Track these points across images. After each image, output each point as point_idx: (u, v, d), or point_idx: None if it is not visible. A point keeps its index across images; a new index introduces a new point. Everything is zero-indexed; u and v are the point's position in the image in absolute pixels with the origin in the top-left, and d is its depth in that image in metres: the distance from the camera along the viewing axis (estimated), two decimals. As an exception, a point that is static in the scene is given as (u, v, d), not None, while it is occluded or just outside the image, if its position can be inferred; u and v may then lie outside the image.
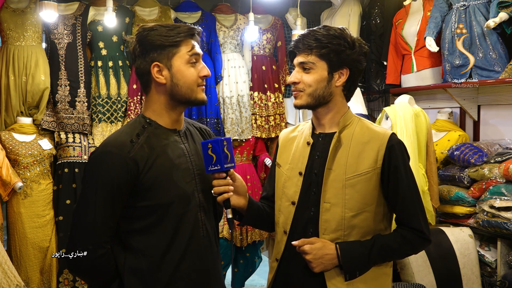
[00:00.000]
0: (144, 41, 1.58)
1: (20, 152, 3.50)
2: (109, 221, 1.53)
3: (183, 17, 4.15)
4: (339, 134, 1.69)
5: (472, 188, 3.25)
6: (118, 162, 1.51)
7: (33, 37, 3.63)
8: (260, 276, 4.62)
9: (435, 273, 2.87)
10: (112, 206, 1.52)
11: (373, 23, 4.32)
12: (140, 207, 1.56)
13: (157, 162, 1.56)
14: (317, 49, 1.64)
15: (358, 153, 1.66)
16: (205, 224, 1.65)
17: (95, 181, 1.52)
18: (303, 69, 1.68)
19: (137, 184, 1.53)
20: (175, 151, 1.61)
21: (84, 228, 1.52)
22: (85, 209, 1.52)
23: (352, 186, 1.63)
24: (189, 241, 1.60)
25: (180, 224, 1.58)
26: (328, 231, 1.64)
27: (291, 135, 1.84)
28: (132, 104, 3.90)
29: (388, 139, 1.66)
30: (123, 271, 1.57)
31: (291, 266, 1.72)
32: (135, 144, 1.55)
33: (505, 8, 3.10)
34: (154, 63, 1.57)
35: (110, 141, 1.57)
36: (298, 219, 1.70)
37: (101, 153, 1.55)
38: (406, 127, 3.23)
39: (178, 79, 1.58)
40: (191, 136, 1.71)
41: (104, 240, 1.53)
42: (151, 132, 1.60)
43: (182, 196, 1.59)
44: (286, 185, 1.75)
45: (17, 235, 3.48)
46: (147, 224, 1.56)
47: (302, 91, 1.68)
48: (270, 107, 4.37)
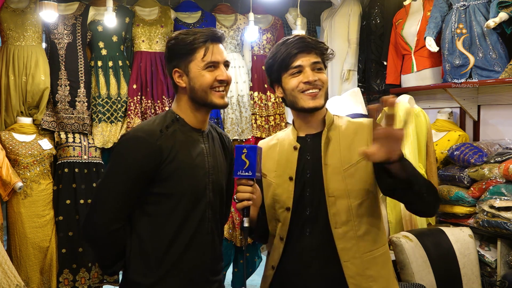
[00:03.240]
0: (169, 49, 1.73)
1: (20, 152, 3.50)
2: (128, 200, 1.64)
3: (183, 17, 4.15)
4: (327, 131, 1.73)
5: (472, 188, 3.25)
6: (146, 147, 1.62)
7: (33, 37, 3.63)
8: (260, 276, 4.58)
9: (435, 273, 2.86)
10: (133, 188, 1.63)
11: (373, 23, 4.32)
12: (154, 193, 1.65)
13: (179, 155, 1.66)
14: (326, 54, 1.74)
15: (349, 144, 1.70)
16: (211, 222, 1.72)
17: (122, 163, 1.64)
18: (316, 69, 1.71)
19: (157, 172, 1.63)
20: (196, 149, 1.71)
21: (105, 201, 1.63)
22: (108, 186, 1.64)
23: (351, 175, 1.67)
24: (194, 235, 1.68)
25: (188, 217, 1.67)
26: (339, 224, 1.66)
27: (271, 143, 1.85)
28: (132, 104, 3.90)
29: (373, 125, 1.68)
30: (130, 252, 1.68)
31: (289, 272, 1.72)
32: (163, 134, 1.66)
33: (505, 8, 3.10)
34: (175, 69, 1.71)
35: (142, 128, 1.69)
36: (294, 223, 1.71)
37: (133, 137, 1.66)
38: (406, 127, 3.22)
39: (195, 83, 1.69)
40: (212, 138, 1.80)
41: (120, 217, 1.64)
42: (178, 128, 1.71)
43: (194, 191, 1.68)
44: (276, 193, 1.75)
45: (17, 235, 3.48)
46: (159, 211, 1.66)
47: (320, 89, 1.70)
48: (270, 107, 4.38)
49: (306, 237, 1.69)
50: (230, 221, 4.07)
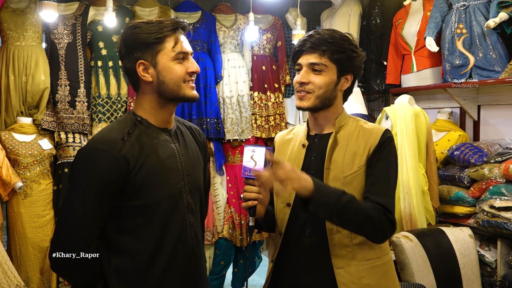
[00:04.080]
0: (128, 40, 1.55)
1: (20, 152, 3.50)
2: (97, 221, 1.49)
3: (183, 17, 4.15)
4: (335, 134, 1.69)
5: (472, 188, 3.24)
6: (108, 160, 1.46)
7: (33, 37, 3.63)
8: (260, 276, 4.62)
9: (435, 273, 2.86)
10: (101, 206, 1.47)
11: (373, 23, 4.32)
12: (128, 206, 1.52)
13: (148, 161, 1.52)
14: (330, 52, 1.64)
15: (354, 151, 1.66)
16: (193, 226, 1.62)
17: (84, 179, 1.47)
18: (312, 70, 1.66)
19: (126, 183, 1.49)
20: (165, 150, 1.58)
21: (71, 227, 1.47)
22: (72, 207, 1.47)
23: (349, 183, 1.64)
24: (177, 243, 1.57)
25: (168, 225, 1.55)
26: (334, 230, 1.64)
27: (287, 138, 1.84)
28: (132, 104, 3.90)
29: (381, 134, 1.66)
30: (109, 272, 1.52)
31: (285, 267, 1.72)
32: (126, 142, 1.50)
33: (505, 8, 3.10)
34: (139, 61, 1.54)
35: (100, 138, 1.52)
36: (294, 220, 1.70)
37: (91, 150, 1.50)
38: (406, 127, 3.23)
39: (164, 76, 1.54)
40: (182, 135, 1.67)
41: (91, 239, 1.49)
42: (142, 131, 1.56)
43: (170, 197, 1.56)
44: (281, 187, 1.74)
45: (17, 235, 3.48)
46: (135, 225, 1.53)
47: (310, 93, 1.66)
48: (270, 107, 4.37)
49: (306, 237, 1.68)
50: (230, 221, 4.07)
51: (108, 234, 1.54)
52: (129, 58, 1.56)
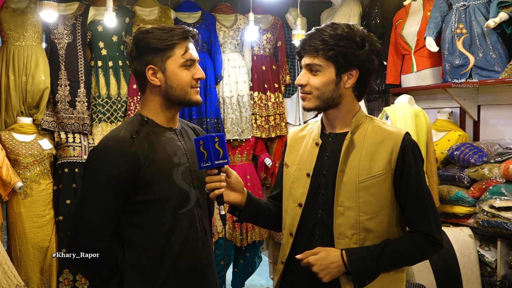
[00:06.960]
0: (140, 44, 1.62)
1: (20, 152, 3.50)
2: (113, 215, 1.56)
3: (183, 17, 4.15)
4: (351, 135, 1.63)
5: (472, 188, 3.25)
6: (120, 157, 1.54)
7: (33, 37, 3.63)
8: (260, 276, 4.62)
9: (435, 273, 2.87)
10: (115, 201, 1.55)
11: (373, 23, 4.32)
12: (139, 201, 1.59)
13: (157, 158, 1.59)
14: (323, 51, 1.58)
15: (371, 154, 1.60)
16: (201, 220, 1.68)
17: (98, 177, 1.55)
18: (310, 71, 1.62)
19: (137, 178, 1.56)
20: (173, 148, 1.65)
21: (88, 224, 1.54)
22: (89, 204, 1.55)
23: (366, 188, 1.58)
24: (187, 236, 1.63)
25: (177, 219, 1.61)
26: (343, 235, 1.59)
27: (300, 134, 1.79)
28: (132, 104, 3.90)
29: (402, 139, 1.60)
30: (123, 266, 1.59)
31: (298, 268, 1.67)
32: (135, 139, 1.58)
33: (505, 8, 3.10)
34: (149, 65, 1.61)
35: (111, 137, 1.60)
36: (305, 221, 1.66)
37: (103, 148, 1.57)
38: (406, 127, 3.23)
39: (172, 82, 1.61)
40: (186, 134, 1.74)
41: (107, 235, 1.56)
42: (149, 130, 1.63)
43: (179, 191, 1.62)
44: (293, 186, 1.71)
45: (17, 235, 3.48)
46: (146, 219, 1.59)
47: (309, 94, 1.63)
48: (270, 107, 4.37)
49: (315, 240, 1.64)
50: (230, 221, 4.07)
51: (121, 228, 1.60)
52: (139, 60, 1.63)
